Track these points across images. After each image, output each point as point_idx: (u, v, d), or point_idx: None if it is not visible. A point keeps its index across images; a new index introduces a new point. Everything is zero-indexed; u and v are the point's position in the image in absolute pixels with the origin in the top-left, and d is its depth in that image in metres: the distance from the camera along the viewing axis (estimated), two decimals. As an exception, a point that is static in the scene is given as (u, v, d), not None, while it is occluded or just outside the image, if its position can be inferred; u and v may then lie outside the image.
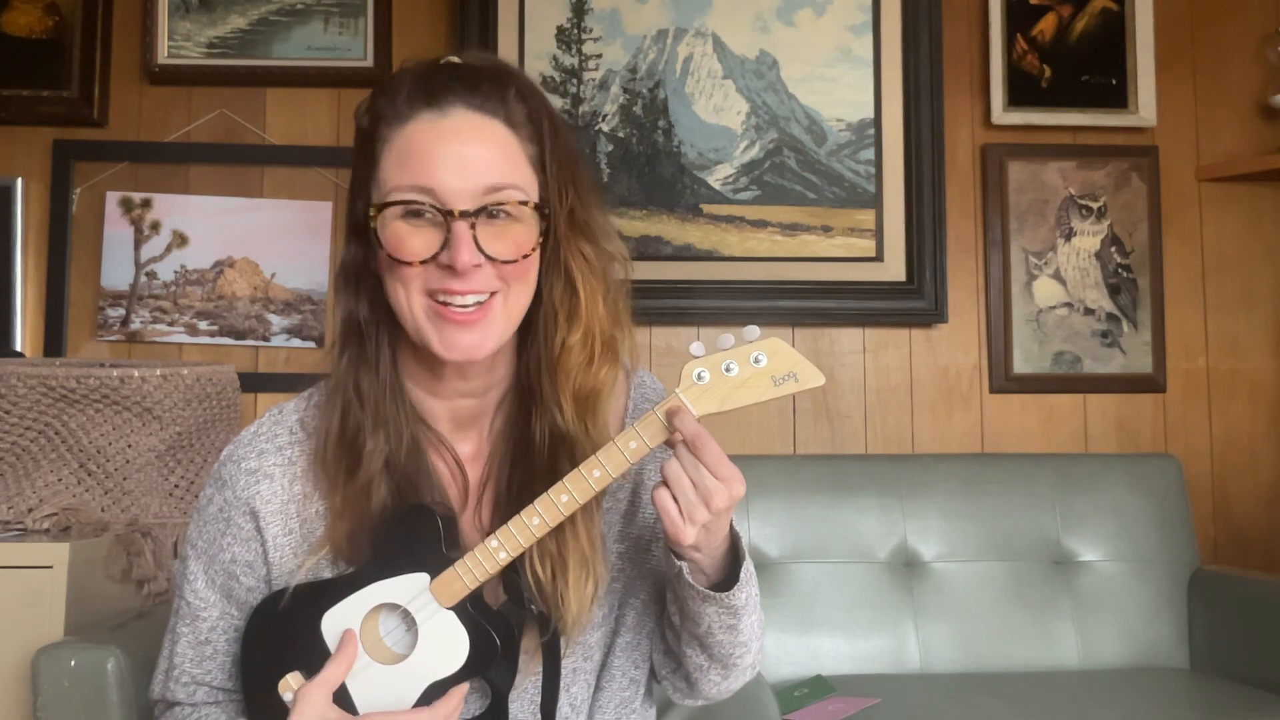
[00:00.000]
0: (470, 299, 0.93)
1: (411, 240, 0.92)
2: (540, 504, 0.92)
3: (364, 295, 1.00)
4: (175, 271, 2.27)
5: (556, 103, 2.31)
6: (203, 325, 2.27)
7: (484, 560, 0.92)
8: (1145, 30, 2.38)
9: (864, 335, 2.35)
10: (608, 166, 2.32)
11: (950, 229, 2.34)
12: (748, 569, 0.98)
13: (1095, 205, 2.38)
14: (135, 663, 1.33)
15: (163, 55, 2.28)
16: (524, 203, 0.93)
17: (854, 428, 2.33)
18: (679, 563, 0.95)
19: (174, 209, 2.28)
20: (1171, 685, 1.90)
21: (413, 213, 0.92)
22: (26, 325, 2.27)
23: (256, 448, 1.02)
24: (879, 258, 2.33)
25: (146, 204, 2.28)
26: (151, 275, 2.27)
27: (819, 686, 1.82)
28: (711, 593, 0.95)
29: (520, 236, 0.94)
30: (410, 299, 0.94)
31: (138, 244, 2.27)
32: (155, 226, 2.28)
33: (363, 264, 0.99)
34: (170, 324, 2.27)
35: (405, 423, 0.98)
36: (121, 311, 2.26)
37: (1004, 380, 2.35)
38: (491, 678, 0.96)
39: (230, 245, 2.28)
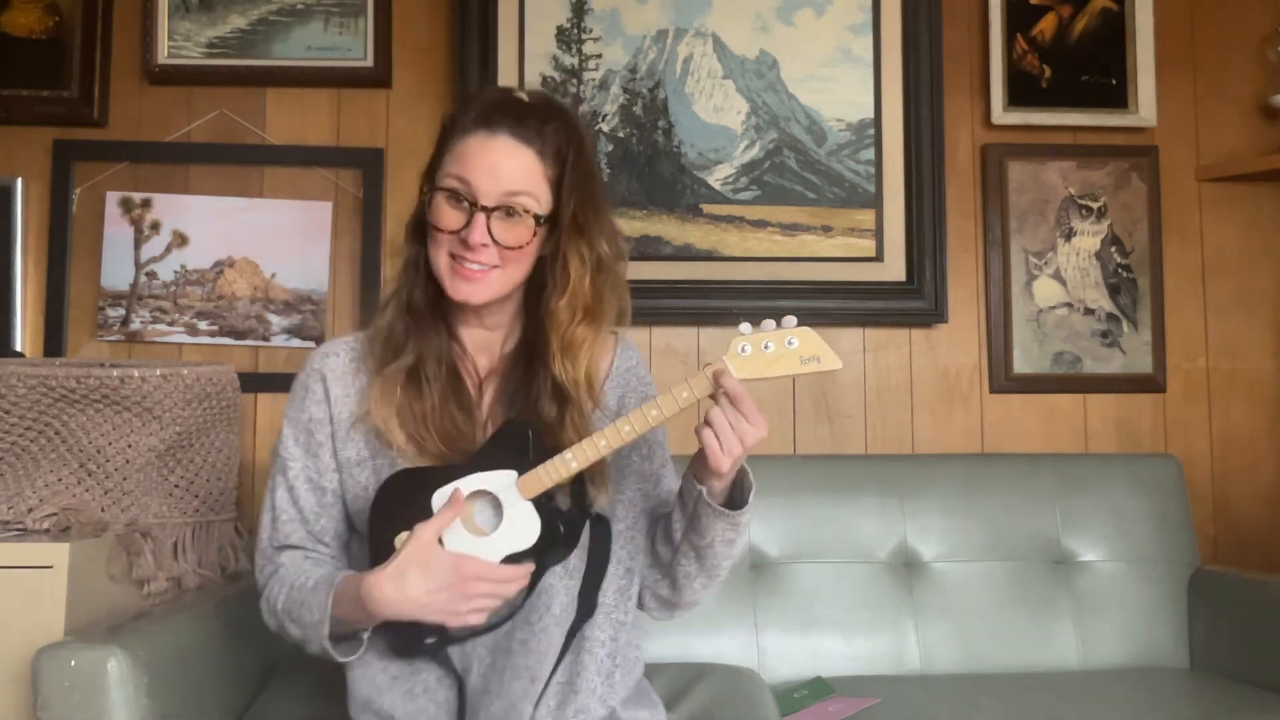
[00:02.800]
0: (475, 265, 1.28)
1: (447, 216, 1.28)
2: (606, 432, 1.21)
3: (422, 244, 1.33)
4: (175, 271, 2.27)
5: (556, 103, 2.32)
6: (203, 325, 2.27)
7: (560, 468, 1.22)
8: (1145, 30, 2.38)
9: (864, 335, 2.35)
10: (608, 166, 2.32)
11: (950, 229, 2.34)
12: (753, 500, 1.29)
13: (1095, 205, 2.38)
14: (135, 662, 1.33)
15: (163, 55, 2.28)
16: (528, 210, 1.28)
17: (854, 428, 2.33)
18: (699, 486, 1.26)
19: (174, 209, 2.28)
20: (1171, 685, 1.90)
21: (453, 197, 1.27)
22: (26, 325, 2.27)
23: (333, 344, 1.41)
24: (879, 258, 2.33)
25: (146, 204, 2.28)
26: (151, 275, 2.27)
27: (819, 688, 1.82)
28: (726, 510, 1.26)
29: (522, 233, 1.28)
30: (438, 255, 1.30)
31: (138, 244, 2.27)
32: (155, 226, 2.28)
33: (423, 222, 1.33)
34: (170, 324, 2.27)
35: (442, 334, 1.34)
36: (121, 311, 2.26)
37: (1004, 380, 2.35)
38: (549, 558, 1.24)
39: (230, 245, 2.28)
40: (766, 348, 1.20)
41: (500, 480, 1.23)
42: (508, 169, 1.26)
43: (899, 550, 2.07)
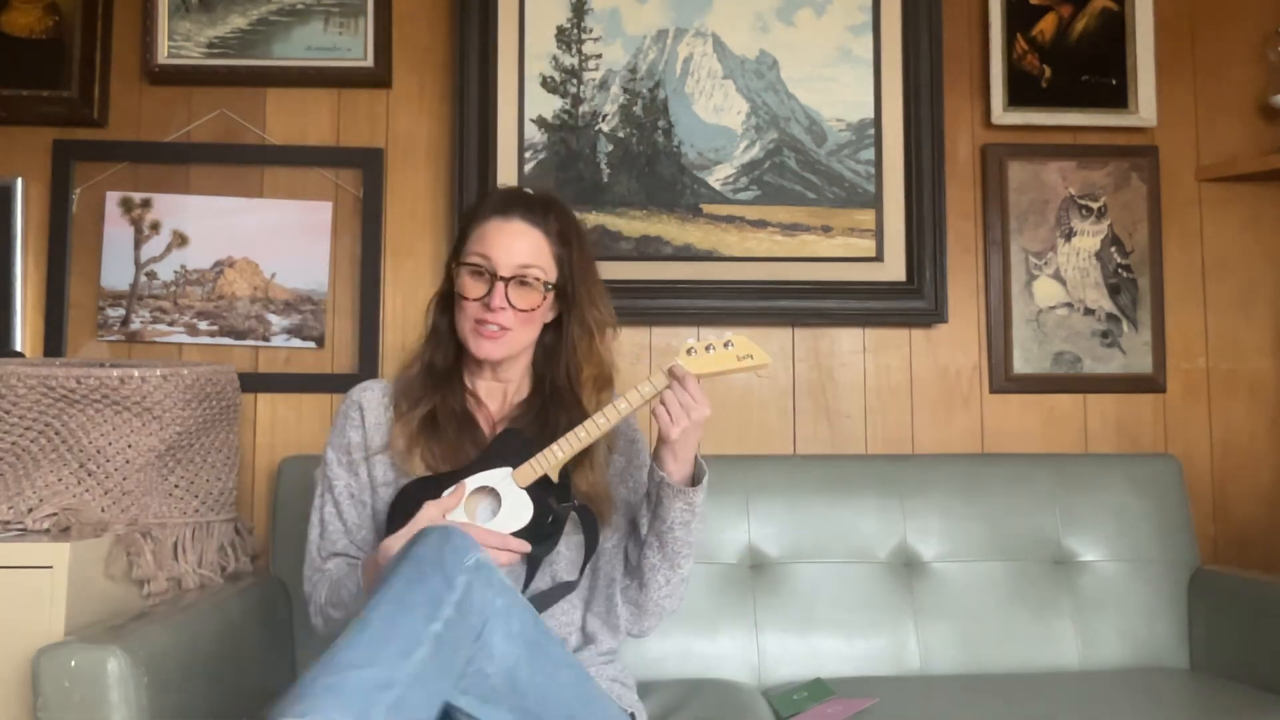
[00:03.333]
0: (494, 327, 1.53)
1: (471, 288, 1.54)
2: (586, 425, 1.45)
3: (447, 314, 1.60)
4: (175, 271, 2.27)
5: (556, 103, 2.32)
6: (203, 325, 2.27)
7: (548, 458, 1.45)
8: (1145, 30, 2.38)
9: (864, 335, 2.35)
10: (608, 167, 2.32)
11: (950, 229, 2.34)
12: (704, 484, 1.52)
13: (1095, 205, 2.38)
14: (135, 662, 1.33)
15: (163, 55, 2.28)
16: (538, 279, 1.54)
17: (854, 428, 2.33)
18: (661, 473, 1.49)
19: (174, 209, 2.28)
20: (1171, 685, 1.90)
21: (475, 272, 1.54)
22: (26, 325, 2.27)
23: (370, 382, 1.65)
24: (879, 258, 2.33)
25: (146, 204, 2.28)
26: (151, 275, 2.27)
27: (818, 689, 1.82)
28: (682, 487, 1.49)
29: (533, 299, 1.54)
30: (464, 321, 1.55)
31: (138, 244, 2.27)
32: (155, 226, 2.28)
33: (449, 294, 1.59)
34: (170, 324, 2.27)
35: (456, 389, 1.59)
36: (121, 311, 2.26)
37: (1004, 380, 2.35)
38: (541, 545, 1.44)
39: (230, 245, 2.28)
40: (709, 349, 1.48)
41: (497, 475, 1.46)
42: (520, 246, 1.53)
43: (899, 550, 2.07)
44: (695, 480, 1.53)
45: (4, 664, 1.50)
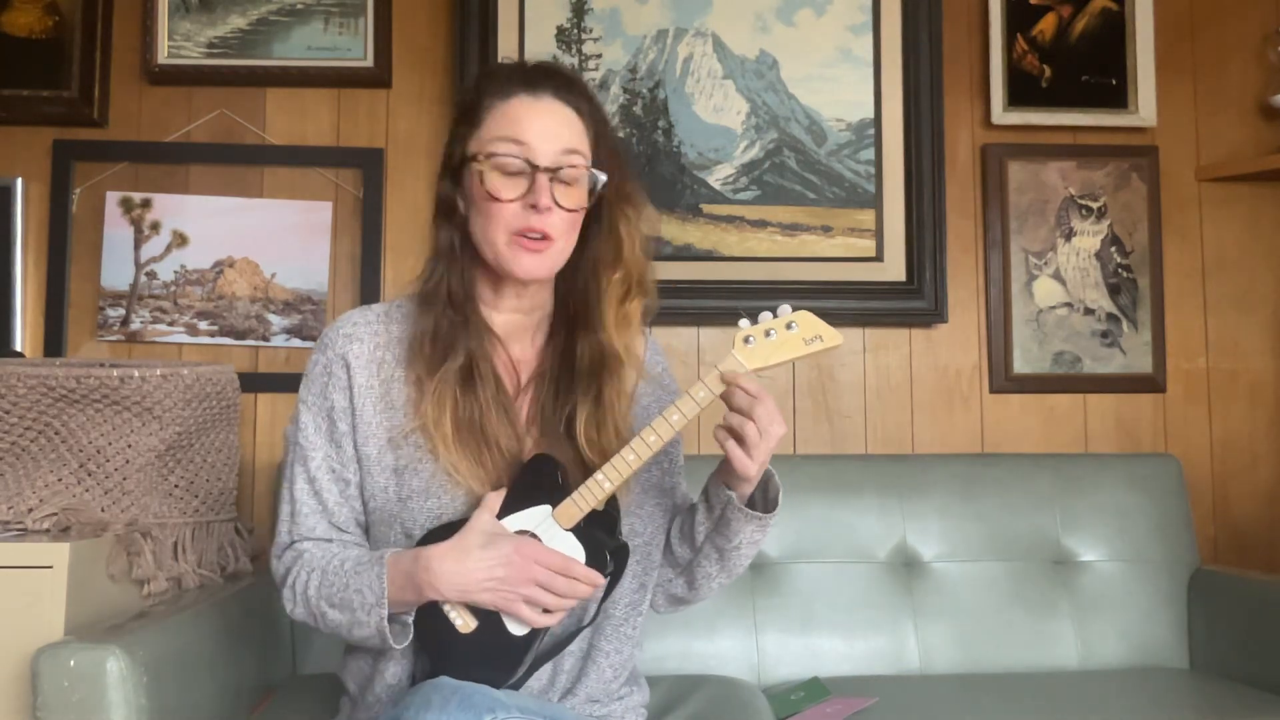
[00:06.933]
0: (538, 236, 1.24)
1: (506, 187, 1.23)
2: (634, 444, 1.20)
3: (455, 227, 1.30)
4: (175, 271, 2.27)
5: (556, 103, 2.31)
6: (203, 325, 2.27)
7: (594, 489, 1.20)
8: (1145, 30, 2.38)
9: (864, 335, 2.35)
10: (608, 166, 2.32)
11: (950, 229, 2.34)
12: (780, 505, 1.28)
13: (1095, 205, 2.38)
14: (135, 662, 1.33)
15: (163, 55, 2.28)
16: (582, 166, 1.25)
17: (854, 428, 2.33)
18: (729, 492, 1.25)
19: (174, 209, 2.28)
20: (1171, 685, 1.90)
21: (509, 165, 1.23)
22: (26, 325, 2.27)
23: (352, 319, 1.33)
24: (879, 258, 2.33)
25: (146, 204, 2.28)
26: (151, 275, 2.27)
27: (814, 689, 1.82)
28: (757, 514, 1.26)
29: (578, 196, 1.26)
30: (496, 232, 1.24)
31: (138, 244, 2.27)
32: (155, 226, 2.28)
33: (452, 200, 1.29)
34: (170, 324, 2.27)
35: (481, 327, 1.30)
36: (121, 311, 2.26)
37: (1004, 380, 2.35)
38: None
39: (230, 245, 2.28)
40: (769, 335, 1.22)
41: (536, 516, 1.22)
42: (560, 128, 1.25)
43: (899, 550, 2.07)
44: (763, 496, 1.30)
45: (4, 664, 1.50)
